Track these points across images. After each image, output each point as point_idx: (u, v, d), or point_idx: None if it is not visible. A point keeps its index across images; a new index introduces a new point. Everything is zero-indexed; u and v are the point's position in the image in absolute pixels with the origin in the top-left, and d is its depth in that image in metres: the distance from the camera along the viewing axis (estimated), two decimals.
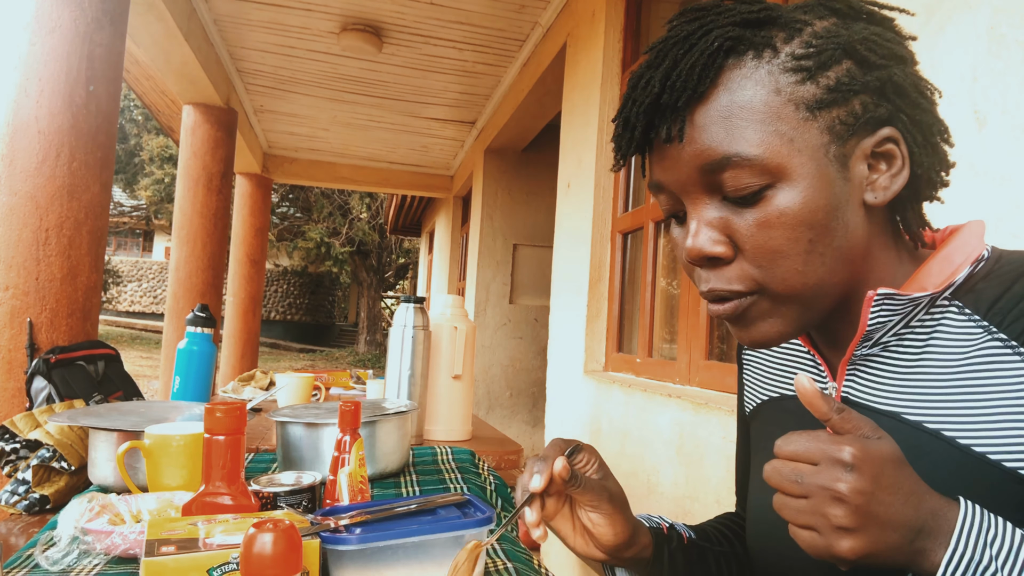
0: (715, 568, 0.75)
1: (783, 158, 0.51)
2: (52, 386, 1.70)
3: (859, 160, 0.53)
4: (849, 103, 0.51)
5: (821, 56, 0.51)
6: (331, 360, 16.63)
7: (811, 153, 0.51)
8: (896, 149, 0.53)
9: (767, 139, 0.51)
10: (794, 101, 0.51)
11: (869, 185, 0.54)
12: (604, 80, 2.65)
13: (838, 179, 0.52)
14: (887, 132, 0.53)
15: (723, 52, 0.51)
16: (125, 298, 21.34)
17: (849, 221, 0.53)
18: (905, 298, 0.53)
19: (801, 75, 0.51)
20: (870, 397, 0.57)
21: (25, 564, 0.70)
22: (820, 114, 0.51)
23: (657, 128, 0.54)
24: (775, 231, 0.52)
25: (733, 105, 0.51)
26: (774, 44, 0.51)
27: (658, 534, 0.71)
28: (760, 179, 0.51)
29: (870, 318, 0.54)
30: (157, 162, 16.03)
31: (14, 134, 1.90)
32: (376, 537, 0.64)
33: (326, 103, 4.90)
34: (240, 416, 0.70)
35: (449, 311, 1.67)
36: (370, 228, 16.49)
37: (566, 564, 2.60)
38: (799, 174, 0.51)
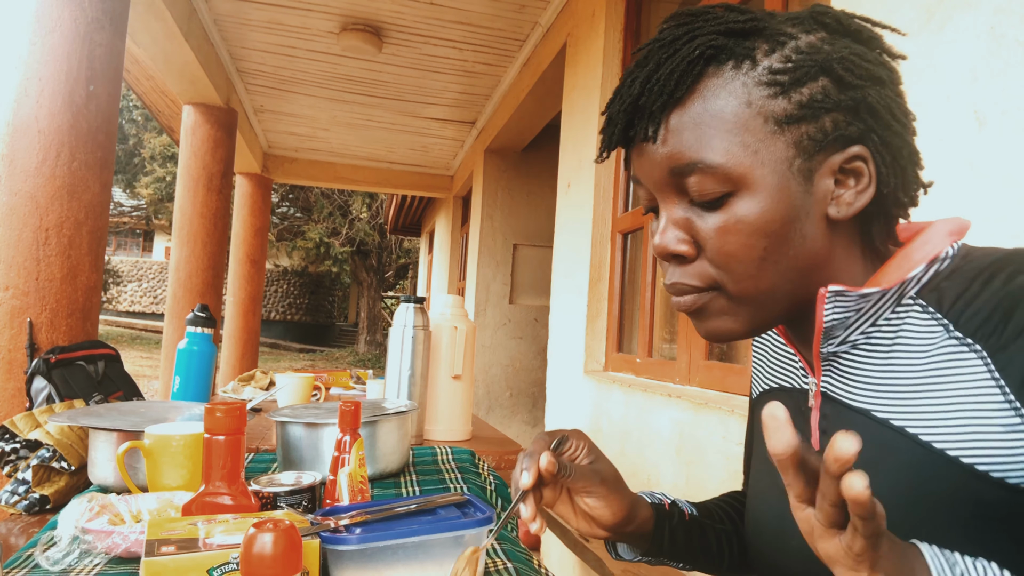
0: (715, 545, 0.77)
1: (745, 168, 0.53)
2: (52, 386, 1.70)
3: (825, 175, 0.54)
4: (819, 120, 0.53)
5: (797, 72, 0.52)
6: (331, 360, 16.63)
7: (774, 166, 0.53)
8: (864, 167, 0.54)
9: (732, 149, 0.53)
10: (763, 114, 0.52)
11: (834, 200, 0.55)
12: (604, 80, 2.65)
13: (799, 192, 0.54)
14: (857, 150, 0.54)
15: (704, 60, 0.53)
16: (125, 298, 21.34)
17: (807, 232, 0.55)
18: (855, 294, 0.55)
19: (774, 89, 0.52)
20: (845, 393, 0.59)
21: (25, 564, 0.70)
22: (788, 128, 0.53)
23: (636, 127, 0.57)
24: (732, 237, 0.54)
25: (705, 113, 0.53)
26: (754, 56, 0.53)
27: (659, 510, 0.74)
28: (722, 186, 0.53)
29: (824, 314, 0.55)
30: (159, 160, 16.04)
31: (14, 134, 1.90)
32: (376, 537, 0.64)
33: (326, 103, 4.90)
34: (240, 416, 0.70)
35: (449, 311, 1.67)
36: (370, 228, 16.49)
37: (566, 564, 2.61)
38: (760, 185, 0.53)
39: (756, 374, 0.77)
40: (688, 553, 0.76)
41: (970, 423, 0.50)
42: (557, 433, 0.69)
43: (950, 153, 1.06)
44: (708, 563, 0.78)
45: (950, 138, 1.06)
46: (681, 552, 0.75)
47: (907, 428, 0.53)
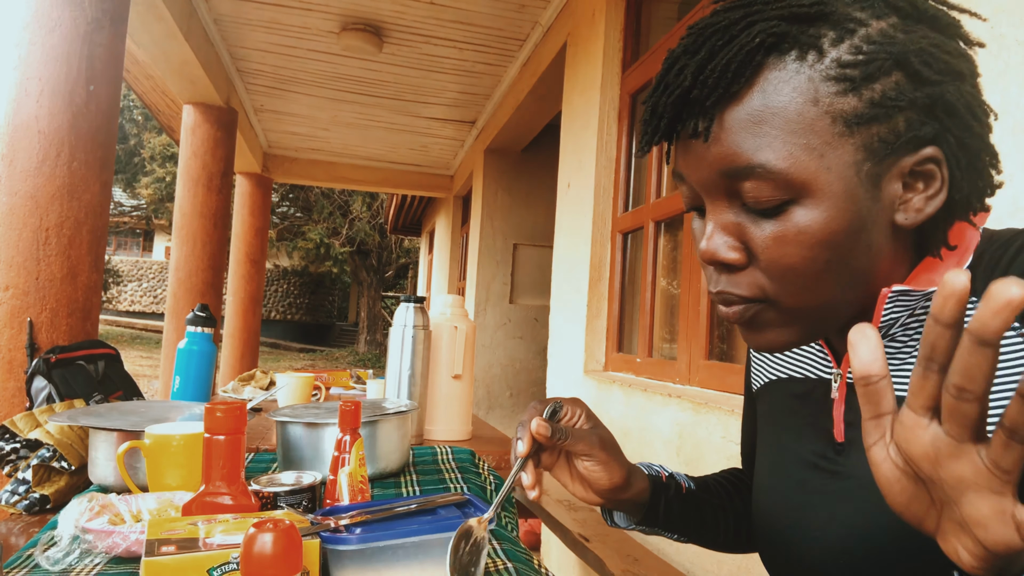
0: (711, 519, 0.77)
1: (810, 174, 0.48)
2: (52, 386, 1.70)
3: (894, 179, 0.50)
4: (892, 120, 0.48)
5: (869, 66, 0.47)
6: (331, 360, 16.63)
7: (841, 171, 0.48)
8: (937, 170, 0.50)
9: (796, 152, 0.48)
10: (831, 114, 0.47)
11: (902, 205, 0.50)
12: (604, 80, 2.65)
13: (866, 199, 0.49)
14: (930, 152, 0.49)
15: (764, 49, 0.48)
16: (125, 298, 21.34)
17: (873, 242, 0.50)
18: (919, 293, 0.51)
19: (844, 85, 0.47)
20: None
21: (25, 564, 0.70)
22: (858, 130, 0.48)
23: (684, 122, 0.52)
24: (791, 248, 0.49)
25: (766, 110, 0.48)
26: (821, 45, 0.47)
27: (656, 481, 0.74)
28: (783, 193, 0.49)
29: (883, 314, 0.52)
30: (159, 160, 16.04)
31: (14, 134, 1.90)
32: (376, 537, 0.64)
33: (326, 103, 4.90)
34: (240, 416, 0.70)
35: (449, 311, 1.67)
36: (370, 228, 16.49)
37: (566, 564, 2.61)
38: (824, 193, 0.48)
39: (758, 364, 0.75)
40: (684, 525, 0.76)
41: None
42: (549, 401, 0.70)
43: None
44: (704, 536, 0.79)
45: None
46: (677, 523, 0.76)
47: None
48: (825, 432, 0.61)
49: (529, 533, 3.37)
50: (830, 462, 0.60)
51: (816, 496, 0.60)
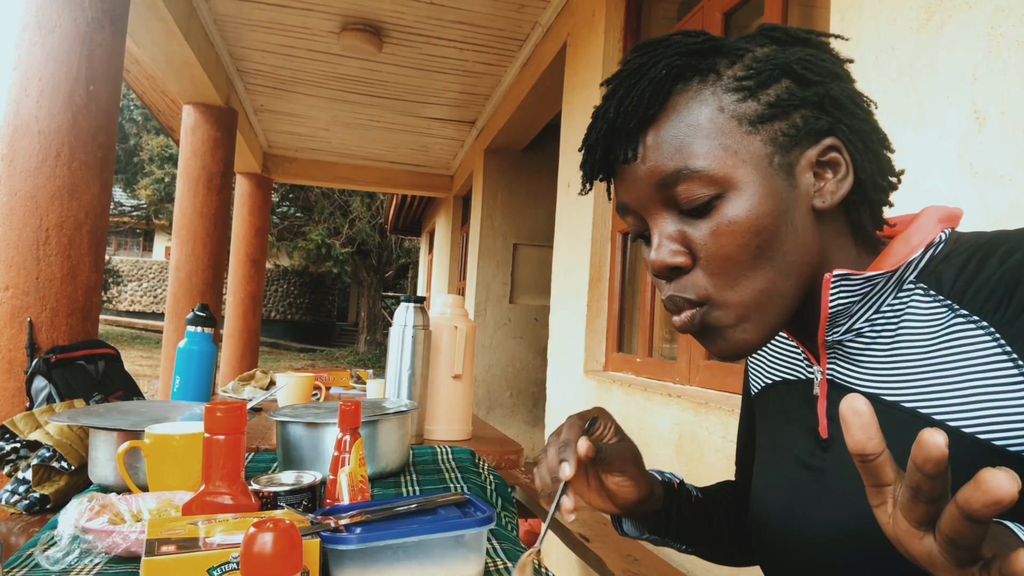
0: (716, 527, 0.79)
1: (729, 169, 0.54)
2: (52, 386, 1.71)
3: (805, 169, 0.56)
4: (790, 116, 0.55)
5: (760, 76, 0.55)
6: (331, 360, 16.63)
7: (755, 163, 0.55)
8: (839, 156, 0.56)
9: (713, 152, 0.54)
10: (737, 117, 0.55)
11: (817, 192, 0.57)
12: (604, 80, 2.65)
13: (784, 186, 0.55)
14: (829, 141, 0.56)
15: (671, 79, 0.56)
16: (125, 298, 21.34)
17: (798, 226, 0.56)
18: (860, 277, 0.56)
19: (743, 93, 0.55)
20: (853, 380, 0.60)
21: (25, 564, 0.70)
22: (762, 128, 0.55)
23: (615, 151, 0.58)
24: (725, 238, 0.55)
25: (681, 124, 0.55)
26: (718, 69, 0.55)
27: (669, 488, 0.76)
28: (709, 189, 0.55)
29: (830, 299, 0.57)
30: (157, 161, 16.04)
31: (14, 134, 1.90)
32: (376, 537, 0.64)
33: (326, 103, 4.90)
34: (240, 416, 0.70)
35: (449, 311, 1.67)
36: (370, 228, 16.49)
37: (566, 564, 2.61)
38: (745, 183, 0.54)
39: (755, 369, 0.78)
40: (692, 534, 0.77)
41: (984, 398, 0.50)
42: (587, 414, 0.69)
43: (950, 153, 1.06)
44: (708, 545, 0.80)
45: (950, 138, 1.06)
46: (685, 533, 0.77)
47: (919, 409, 0.54)
48: (812, 430, 0.64)
49: (529, 533, 3.37)
50: (816, 458, 0.62)
51: (804, 495, 0.62)
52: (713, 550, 0.81)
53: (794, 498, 0.63)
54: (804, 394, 0.66)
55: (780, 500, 0.66)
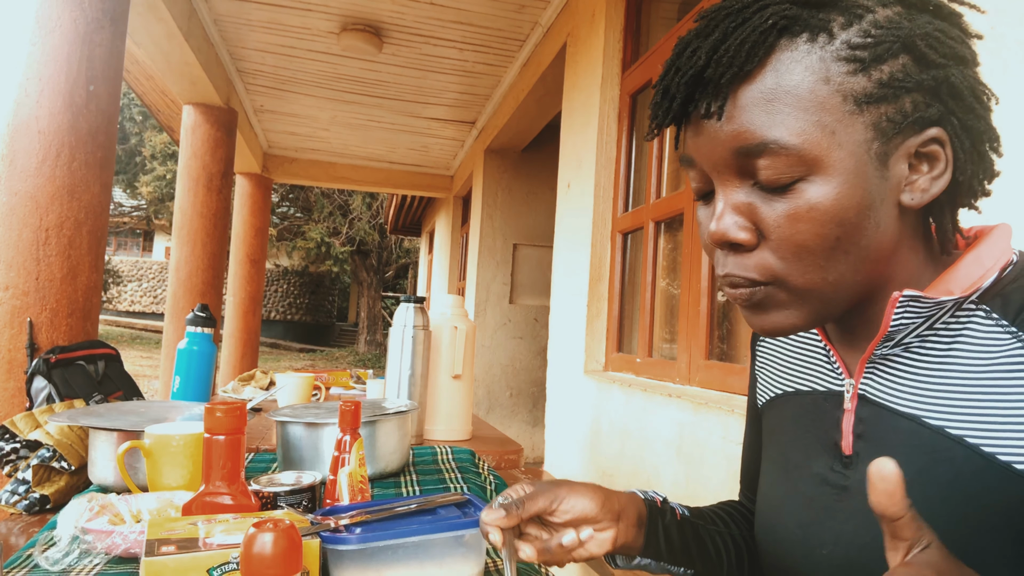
0: (712, 547, 0.74)
1: (822, 151, 0.49)
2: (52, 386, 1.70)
3: (901, 159, 0.51)
4: (899, 100, 0.49)
5: (878, 48, 0.48)
6: (331, 360, 16.63)
7: (852, 148, 0.49)
8: (941, 151, 0.51)
9: (808, 129, 0.49)
10: (842, 92, 0.49)
11: (908, 185, 0.51)
12: (604, 80, 2.65)
13: (875, 177, 0.50)
14: (935, 133, 0.50)
15: (776, 31, 0.49)
16: (125, 298, 21.34)
17: (881, 220, 0.51)
18: (931, 301, 0.51)
19: (854, 65, 0.48)
20: (889, 398, 0.56)
21: (25, 564, 0.70)
22: (868, 109, 0.49)
23: (697, 102, 0.52)
24: (803, 224, 0.50)
25: (779, 88, 0.49)
26: (831, 28, 0.49)
27: (652, 506, 0.71)
28: (795, 170, 0.49)
29: (893, 319, 0.52)
30: (160, 159, 16.02)
31: (14, 134, 1.90)
32: (376, 537, 0.64)
33: (326, 103, 4.90)
34: (240, 416, 0.70)
35: (449, 311, 1.67)
36: (370, 228, 16.49)
37: None
38: (836, 169, 0.49)
39: (765, 376, 0.73)
40: (685, 555, 0.72)
41: None
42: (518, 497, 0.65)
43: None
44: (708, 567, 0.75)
45: None
46: (678, 554, 0.72)
47: (966, 438, 0.50)
48: (833, 445, 0.60)
49: None
50: (838, 475, 0.59)
51: (824, 513, 0.59)
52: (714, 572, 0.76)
53: (812, 515, 0.60)
54: (823, 406, 0.62)
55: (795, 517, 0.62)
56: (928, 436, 0.52)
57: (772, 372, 0.72)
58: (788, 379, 0.69)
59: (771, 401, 0.71)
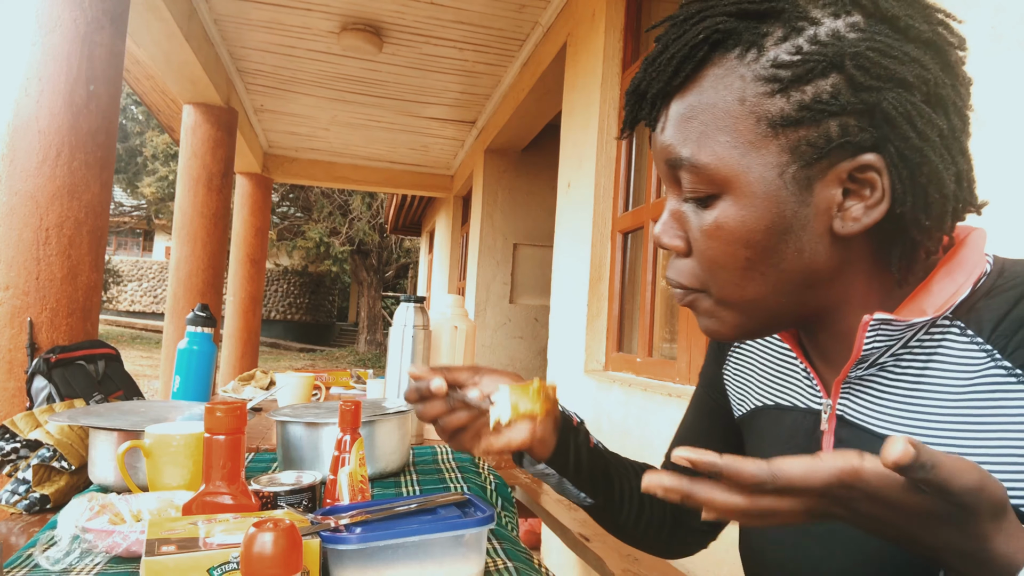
0: (617, 488, 0.75)
1: (731, 172, 0.49)
2: (52, 386, 1.70)
3: (830, 184, 0.48)
4: (822, 124, 0.46)
5: (803, 68, 0.46)
6: (331, 360, 16.63)
7: (762, 172, 0.48)
8: (877, 179, 0.47)
9: (718, 150, 0.49)
10: (756, 114, 0.47)
11: (840, 212, 0.49)
12: (604, 80, 2.65)
13: (792, 202, 0.48)
14: (870, 159, 0.47)
15: (708, 45, 0.48)
16: (125, 298, 21.34)
17: (805, 247, 0.49)
18: (903, 324, 0.49)
19: (773, 86, 0.47)
20: (867, 418, 0.54)
21: (26, 564, 0.70)
22: (783, 132, 0.47)
23: (638, 113, 0.54)
24: (713, 241, 0.51)
25: (699, 105, 0.49)
26: (763, 44, 0.47)
27: (568, 422, 0.72)
28: (708, 187, 0.50)
29: (865, 343, 0.51)
30: (161, 159, 16.03)
31: (14, 134, 1.90)
32: (376, 537, 0.64)
33: (326, 103, 4.90)
34: (240, 416, 0.70)
35: (449, 311, 1.67)
36: (370, 228, 16.49)
37: (566, 564, 2.61)
38: (744, 192, 0.49)
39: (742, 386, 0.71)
40: (590, 482, 0.73)
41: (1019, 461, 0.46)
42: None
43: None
44: (608, 505, 0.75)
45: None
46: (584, 477, 0.72)
47: None
48: None
49: (529, 533, 3.37)
50: None
51: (808, 536, 0.58)
52: (615, 518, 0.76)
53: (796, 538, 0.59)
54: (803, 425, 0.60)
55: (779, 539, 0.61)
56: None
57: (751, 383, 0.70)
58: (768, 392, 0.67)
59: (752, 413, 0.70)
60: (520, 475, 1.59)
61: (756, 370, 0.70)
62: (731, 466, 0.39)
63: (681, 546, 0.82)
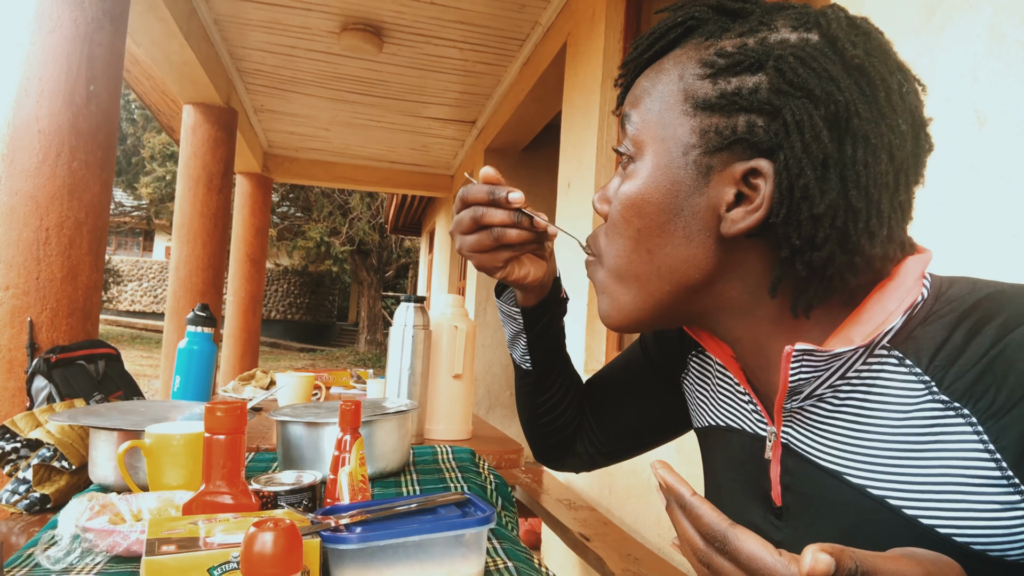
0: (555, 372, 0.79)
1: (647, 136, 0.52)
2: (53, 385, 1.70)
3: (726, 182, 0.49)
4: (733, 116, 0.48)
5: (735, 58, 0.48)
6: (331, 359, 16.63)
7: (671, 145, 0.51)
8: (762, 185, 0.48)
9: (647, 116, 0.52)
10: (685, 91, 0.51)
11: (727, 212, 0.49)
12: (604, 80, 2.65)
13: (688, 184, 0.50)
14: (762, 164, 0.47)
15: (682, 29, 0.52)
16: (125, 297, 21.34)
17: (693, 235, 0.51)
18: (826, 354, 0.47)
19: (706, 70, 0.50)
20: (811, 451, 0.53)
21: (26, 563, 0.70)
22: (700, 114, 0.49)
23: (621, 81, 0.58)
24: (617, 206, 0.54)
25: (654, 76, 0.53)
26: (720, 35, 0.50)
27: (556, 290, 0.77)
28: (630, 147, 0.54)
29: (791, 374, 0.49)
30: (159, 159, 16.04)
31: (14, 134, 1.90)
32: (376, 536, 0.64)
33: (326, 103, 4.90)
34: (240, 415, 0.70)
35: (449, 310, 1.67)
36: (370, 227, 16.49)
37: (566, 564, 2.61)
38: (651, 159, 0.52)
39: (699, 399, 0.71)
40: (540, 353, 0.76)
41: (961, 499, 0.44)
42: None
43: (950, 153, 1.06)
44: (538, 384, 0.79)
45: (950, 138, 1.06)
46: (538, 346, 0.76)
47: (887, 499, 0.47)
48: (764, 494, 0.57)
49: (529, 532, 3.37)
50: (772, 528, 0.56)
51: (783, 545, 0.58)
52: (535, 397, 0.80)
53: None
54: (752, 450, 0.59)
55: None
56: (851, 494, 0.49)
57: (705, 399, 0.70)
58: (720, 412, 0.66)
59: (705, 430, 0.70)
60: (520, 475, 1.59)
61: (709, 387, 0.69)
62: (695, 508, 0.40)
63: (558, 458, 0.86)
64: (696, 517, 0.40)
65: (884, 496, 0.48)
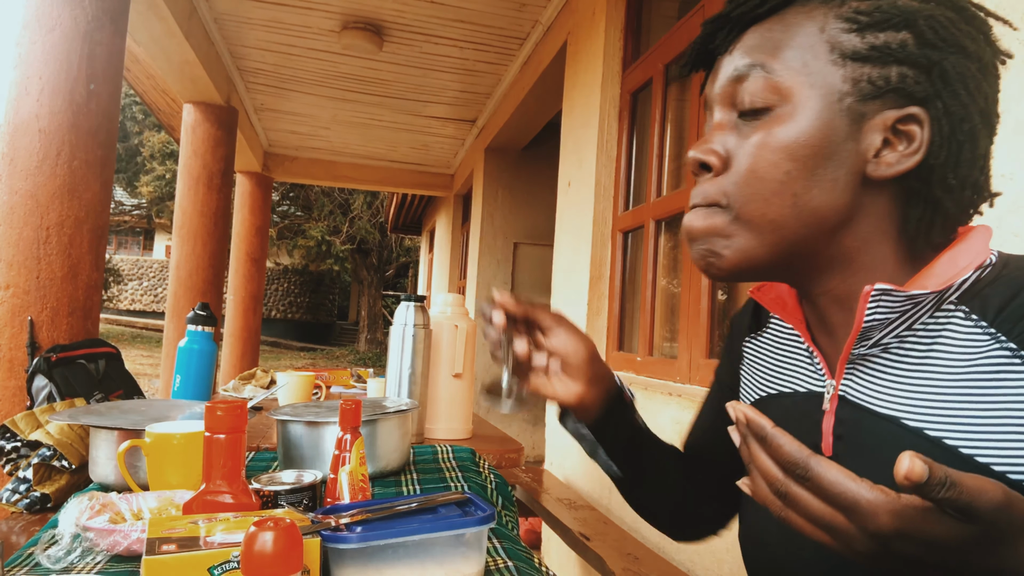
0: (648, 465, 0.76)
1: (795, 83, 0.52)
2: (53, 385, 1.71)
3: (876, 128, 0.52)
4: (886, 67, 0.51)
5: (879, 16, 0.51)
6: (332, 358, 16.63)
7: (823, 91, 0.52)
8: (918, 131, 0.52)
9: (790, 63, 0.53)
10: (831, 43, 0.52)
11: (875, 156, 0.52)
12: (604, 79, 2.65)
13: (842, 130, 0.52)
14: (915, 110, 0.51)
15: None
16: (126, 297, 21.35)
17: (839, 180, 0.52)
18: (903, 295, 0.51)
19: (851, 24, 0.52)
20: (869, 398, 0.56)
21: (26, 562, 0.70)
22: (851, 64, 0.52)
23: (716, 39, 0.58)
24: (759, 150, 0.53)
25: (780, 30, 0.54)
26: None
27: (620, 394, 0.74)
28: (769, 97, 0.53)
29: (867, 314, 0.52)
30: (159, 158, 16.04)
31: (15, 133, 1.90)
32: (377, 536, 0.64)
33: (327, 101, 4.90)
34: (241, 415, 0.70)
35: (450, 309, 1.67)
36: (370, 226, 16.49)
37: (567, 563, 2.61)
38: (802, 105, 0.52)
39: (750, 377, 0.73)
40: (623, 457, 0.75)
41: (1021, 438, 0.47)
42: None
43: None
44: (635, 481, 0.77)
45: None
46: (620, 449, 0.74)
47: (944, 439, 0.50)
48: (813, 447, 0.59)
49: (529, 532, 3.37)
50: None
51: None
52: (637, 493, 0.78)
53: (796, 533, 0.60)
54: (806, 407, 0.62)
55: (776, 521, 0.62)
56: (907, 438, 0.52)
57: (758, 374, 0.72)
58: (773, 381, 0.69)
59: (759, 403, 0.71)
60: (520, 474, 1.59)
61: (764, 360, 0.71)
62: (776, 438, 0.41)
63: (693, 531, 0.84)
64: (777, 447, 0.41)
65: (941, 437, 0.50)
